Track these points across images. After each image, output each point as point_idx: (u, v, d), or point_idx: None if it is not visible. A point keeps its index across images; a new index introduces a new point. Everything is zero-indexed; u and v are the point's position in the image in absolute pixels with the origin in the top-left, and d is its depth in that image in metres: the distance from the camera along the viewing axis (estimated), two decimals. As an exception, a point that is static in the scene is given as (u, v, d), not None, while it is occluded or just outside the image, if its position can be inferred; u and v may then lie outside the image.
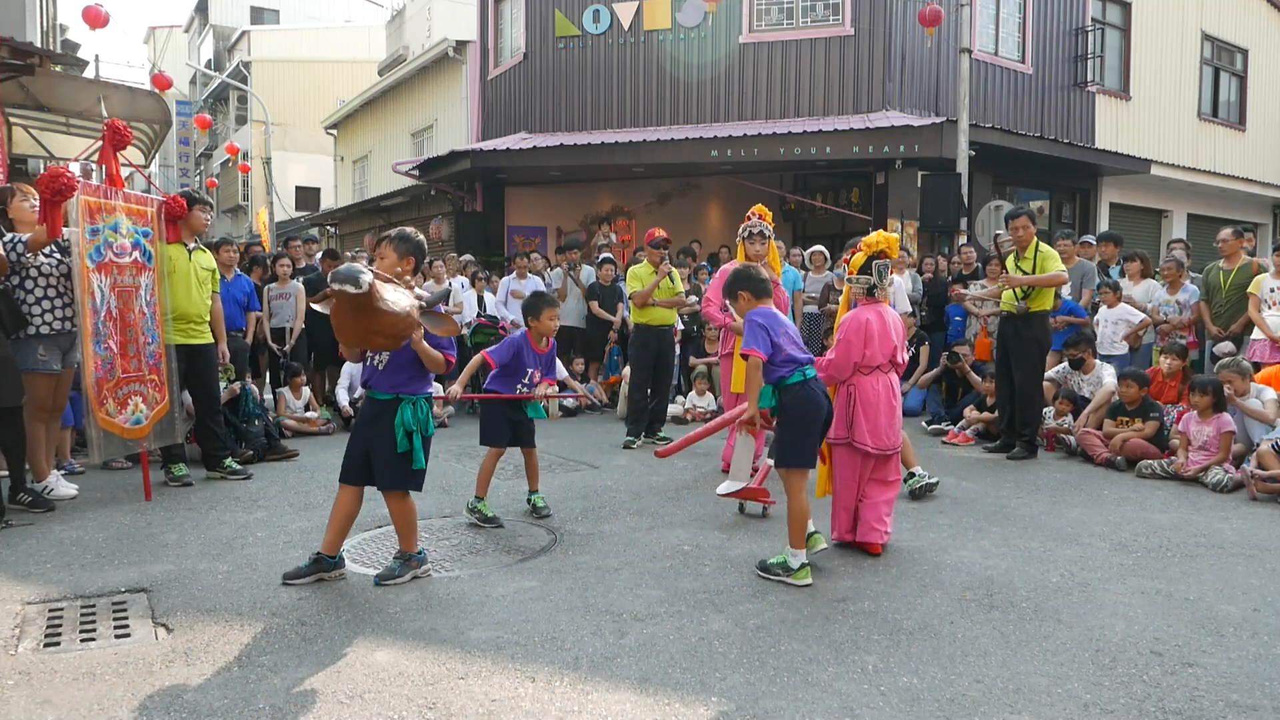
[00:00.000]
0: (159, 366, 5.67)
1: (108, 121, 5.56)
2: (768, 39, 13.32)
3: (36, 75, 7.88)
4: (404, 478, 3.88)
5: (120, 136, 5.47)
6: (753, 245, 6.17)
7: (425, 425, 3.86)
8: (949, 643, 3.30)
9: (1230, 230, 8.02)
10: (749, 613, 3.59)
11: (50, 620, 3.52)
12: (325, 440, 8.02)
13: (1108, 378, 7.40)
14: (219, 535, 4.73)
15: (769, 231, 6.21)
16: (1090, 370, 7.55)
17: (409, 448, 3.82)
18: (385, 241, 3.92)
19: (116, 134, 5.48)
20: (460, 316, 9.86)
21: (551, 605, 3.68)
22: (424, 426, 3.85)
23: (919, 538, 4.70)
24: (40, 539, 4.62)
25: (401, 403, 3.83)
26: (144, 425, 5.49)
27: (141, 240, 5.60)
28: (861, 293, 4.49)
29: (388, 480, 3.89)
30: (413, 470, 3.88)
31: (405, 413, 3.81)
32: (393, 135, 21.48)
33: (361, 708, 2.78)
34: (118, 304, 5.35)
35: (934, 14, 11.69)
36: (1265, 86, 18.87)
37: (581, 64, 14.22)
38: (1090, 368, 7.55)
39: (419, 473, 3.90)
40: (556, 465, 6.79)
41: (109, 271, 5.29)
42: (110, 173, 5.54)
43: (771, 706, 2.79)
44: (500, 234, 15.41)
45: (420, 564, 4.03)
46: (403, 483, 3.90)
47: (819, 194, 14.81)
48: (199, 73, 35.86)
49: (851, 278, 4.52)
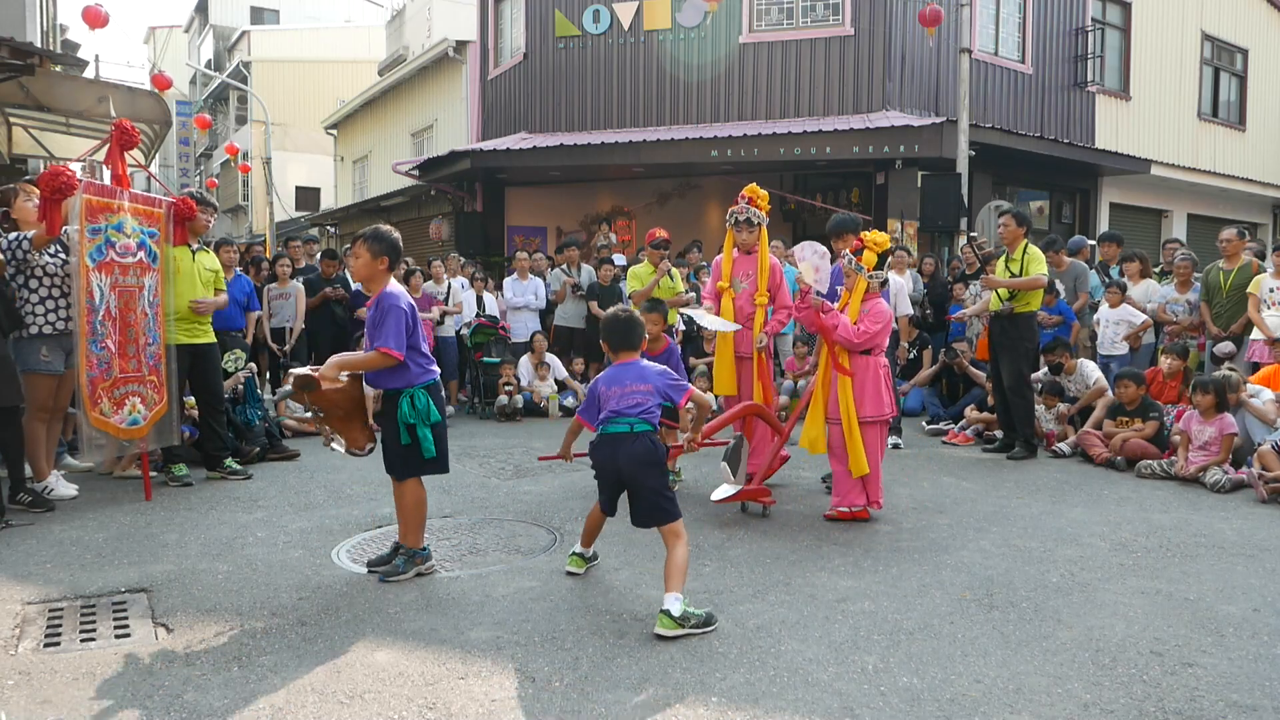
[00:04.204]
0: (159, 367, 5.67)
1: (115, 121, 5.55)
2: (768, 39, 13.32)
3: (36, 75, 7.87)
4: (416, 466, 3.93)
5: (128, 137, 5.47)
6: (739, 233, 5.56)
7: (427, 414, 3.87)
8: (949, 643, 3.30)
9: (1234, 230, 8.02)
10: (749, 613, 3.59)
11: (50, 620, 3.51)
12: (325, 440, 8.01)
13: (1093, 373, 7.47)
14: (219, 535, 4.73)
15: (757, 217, 5.51)
16: (1073, 371, 7.68)
17: (411, 440, 3.86)
18: (360, 241, 3.95)
19: (124, 134, 5.46)
20: (460, 316, 9.87)
21: (551, 605, 3.68)
22: (425, 416, 3.87)
23: (919, 538, 4.70)
24: (40, 539, 4.62)
25: (400, 396, 3.86)
26: (141, 426, 5.47)
27: (147, 241, 5.59)
28: (876, 287, 5.11)
29: (398, 469, 3.95)
30: (425, 459, 3.91)
31: (403, 406, 3.85)
32: (393, 135, 21.48)
33: (361, 708, 2.78)
34: (118, 304, 5.33)
35: (934, 14, 11.69)
36: (1265, 86, 18.87)
37: (581, 64, 14.22)
38: (1071, 369, 7.68)
39: (433, 460, 3.92)
40: (556, 465, 6.78)
41: (110, 271, 5.27)
42: (116, 172, 5.54)
43: (771, 706, 2.79)
44: (500, 234, 15.42)
45: (424, 560, 4.04)
46: (415, 470, 3.94)
47: (819, 194, 14.81)
48: (199, 73, 35.86)
49: (871, 274, 5.07)
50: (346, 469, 6.45)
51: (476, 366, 9.77)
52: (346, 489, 5.81)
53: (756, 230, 5.55)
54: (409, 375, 3.88)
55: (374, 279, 3.93)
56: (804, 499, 5.57)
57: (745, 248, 5.60)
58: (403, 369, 3.87)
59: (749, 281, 5.61)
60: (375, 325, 3.84)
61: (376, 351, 3.79)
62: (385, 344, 3.78)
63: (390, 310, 3.81)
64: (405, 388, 3.87)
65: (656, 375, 3.69)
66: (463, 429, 8.61)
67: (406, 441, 3.86)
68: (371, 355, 3.80)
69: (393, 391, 3.89)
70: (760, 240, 5.59)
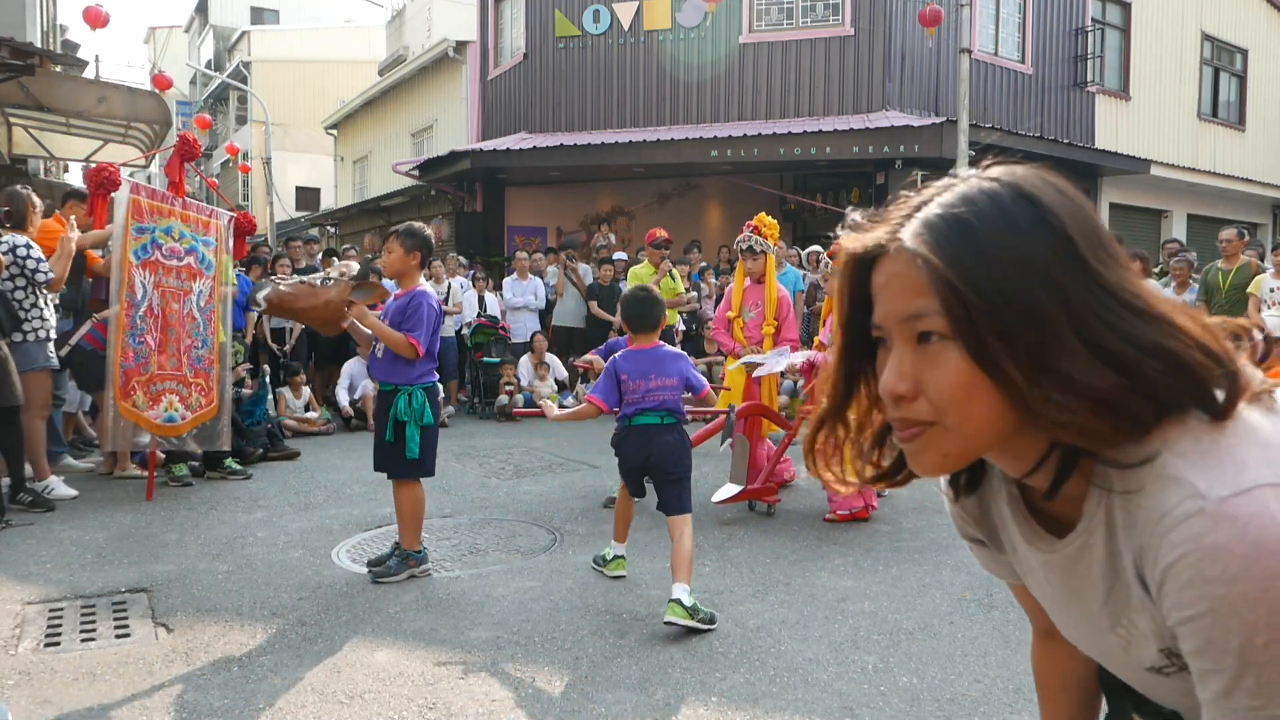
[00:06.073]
0: (208, 371, 5.73)
1: (180, 134, 5.91)
2: (768, 39, 13.32)
3: (37, 75, 7.89)
4: (401, 467, 3.92)
5: (190, 148, 5.86)
6: (745, 261, 5.63)
7: (420, 415, 3.88)
8: (949, 643, 3.30)
9: (1234, 230, 8.02)
10: (749, 613, 3.59)
11: (50, 620, 3.52)
12: (325, 440, 8.02)
13: None
14: (219, 535, 4.73)
15: (759, 245, 5.53)
16: None
17: (395, 438, 3.87)
18: (393, 236, 4.03)
19: (186, 145, 5.81)
20: (460, 316, 9.88)
21: (551, 605, 3.69)
22: (418, 416, 3.87)
23: (919, 538, 4.70)
24: (40, 539, 4.62)
25: (398, 393, 3.87)
26: (178, 424, 5.53)
27: (200, 248, 5.71)
28: None
29: (390, 468, 3.97)
30: (406, 460, 3.89)
31: (399, 403, 3.87)
32: (393, 135, 21.48)
33: (361, 708, 2.78)
34: (160, 302, 5.47)
35: (934, 14, 11.69)
36: (1265, 87, 18.86)
37: (581, 64, 14.22)
38: None
39: (414, 462, 3.90)
40: (556, 465, 6.79)
41: (154, 269, 5.44)
42: (173, 180, 5.80)
43: (771, 706, 2.80)
44: (500, 234, 15.41)
45: (419, 563, 4.03)
46: (401, 472, 3.94)
47: (819, 194, 14.81)
48: (199, 73, 35.87)
49: None
50: (346, 469, 6.46)
51: (476, 366, 9.78)
52: (346, 489, 5.82)
53: (761, 259, 5.56)
54: (411, 373, 3.90)
55: (406, 274, 4.00)
56: (804, 499, 5.57)
57: (753, 276, 5.63)
58: (408, 366, 3.90)
59: (757, 311, 5.67)
60: (406, 315, 3.89)
61: (405, 337, 3.83)
62: (417, 336, 3.84)
63: (424, 306, 3.89)
64: (404, 385, 3.89)
65: (679, 367, 3.76)
66: (463, 429, 8.62)
67: (390, 439, 3.88)
68: (400, 337, 3.84)
69: (389, 387, 3.91)
70: (767, 269, 5.61)
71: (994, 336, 0.80)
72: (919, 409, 0.85)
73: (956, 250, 0.82)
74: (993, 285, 0.80)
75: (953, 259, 0.81)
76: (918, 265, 0.83)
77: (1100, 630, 0.95)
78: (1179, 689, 0.91)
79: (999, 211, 0.84)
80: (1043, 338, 0.79)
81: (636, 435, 3.70)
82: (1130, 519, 0.84)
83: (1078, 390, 0.79)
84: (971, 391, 0.82)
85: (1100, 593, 0.91)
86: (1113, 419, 0.81)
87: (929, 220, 0.85)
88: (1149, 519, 0.81)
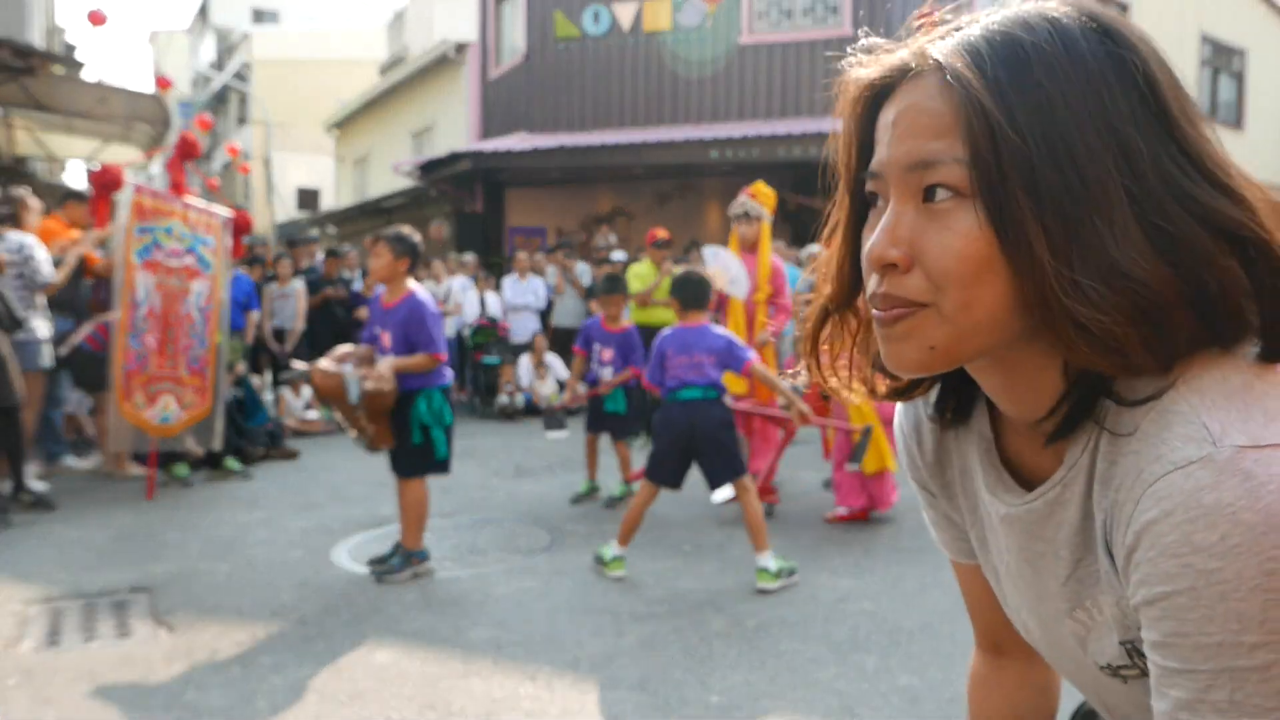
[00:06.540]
0: (203, 371, 5.74)
1: (181, 133, 5.94)
2: (767, 39, 13.32)
3: (37, 76, 7.90)
4: (423, 466, 3.99)
5: (190, 148, 5.90)
6: (739, 226, 5.49)
7: (441, 416, 3.95)
8: (949, 643, 3.30)
9: None
10: (749, 613, 3.60)
11: (52, 620, 3.52)
12: (326, 440, 8.02)
13: None
14: (220, 535, 4.74)
15: (755, 211, 5.41)
16: None
17: (424, 440, 3.93)
18: (381, 241, 4.03)
19: (187, 145, 5.84)
20: (460, 317, 9.89)
21: (551, 605, 3.69)
22: (439, 418, 3.94)
23: (919, 538, 4.70)
24: (41, 539, 4.63)
25: (417, 396, 3.90)
26: (172, 424, 5.56)
27: (198, 248, 5.73)
28: None
29: (405, 468, 4.00)
30: (435, 460, 3.99)
31: (420, 406, 3.91)
32: (393, 136, 21.48)
33: (361, 708, 2.79)
34: (161, 303, 5.49)
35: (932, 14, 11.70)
36: (1264, 87, 18.87)
37: (581, 65, 14.23)
38: None
39: (442, 462, 4.02)
40: (556, 465, 6.80)
41: (155, 270, 5.46)
42: (175, 180, 5.82)
43: (771, 706, 2.80)
44: (500, 234, 15.42)
45: (422, 562, 4.04)
46: (422, 469, 4.00)
47: (819, 194, 14.82)
48: (199, 74, 35.89)
49: None
50: (346, 469, 6.46)
51: (476, 366, 9.79)
52: (347, 489, 5.82)
53: (756, 224, 5.43)
54: (429, 377, 3.95)
55: (395, 279, 4.03)
56: (804, 499, 5.57)
57: (746, 243, 5.51)
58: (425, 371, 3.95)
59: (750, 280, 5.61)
60: (412, 328, 3.91)
61: (428, 355, 3.89)
62: (438, 349, 3.92)
63: (428, 315, 3.94)
64: (423, 388, 3.93)
65: (722, 346, 3.96)
66: (463, 429, 8.60)
67: (419, 441, 3.93)
68: (422, 358, 3.89)
69: (408, 392, 3.93)
70: (761, 236, 5.51)
71: (1025, 193, 0.62)
72: (910, 285, 0.66)
73: (1002, 77, 0.63)
74: (1041, 126, 0.62)
75: (996, 86, 0.63)
76: (946, 94, 0.65)
77: (1056, 615, 0.76)
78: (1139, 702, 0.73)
79: (1064, 41, 0.64)
80: (1088, 206, 0.62)
81: (680, 408, 3.90)
82: (1110, 469, 0.66)
83: (1117, 283, 0.61)
84: (982, 268, 0.64)
85: (1065, 566, 0.73)
86: (1147, 333, 0.62)
87: (969, 39, 0.67)
88: (1133, 466, 0.63)
